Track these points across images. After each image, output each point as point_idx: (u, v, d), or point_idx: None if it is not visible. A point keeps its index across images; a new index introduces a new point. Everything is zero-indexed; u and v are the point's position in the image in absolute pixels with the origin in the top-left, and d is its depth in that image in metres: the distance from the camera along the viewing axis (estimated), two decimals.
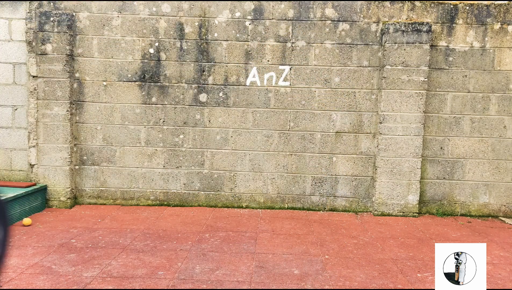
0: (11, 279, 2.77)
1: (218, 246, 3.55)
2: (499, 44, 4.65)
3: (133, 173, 4.85)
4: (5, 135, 4.79)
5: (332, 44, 4.69)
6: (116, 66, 4.73)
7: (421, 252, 3.56)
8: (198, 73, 4.75)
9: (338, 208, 4.87)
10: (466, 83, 4.70)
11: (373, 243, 3.76)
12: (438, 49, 4.67)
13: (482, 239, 3.98)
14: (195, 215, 4.52)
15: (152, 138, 4.82)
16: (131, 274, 2.90)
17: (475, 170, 4.78)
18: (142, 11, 4.69)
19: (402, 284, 2.88)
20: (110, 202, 4.87)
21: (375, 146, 4.76)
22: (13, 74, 4.71)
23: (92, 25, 4.69)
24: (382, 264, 3.25)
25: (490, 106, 4.71)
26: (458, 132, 4.75)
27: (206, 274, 2.95)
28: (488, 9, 4.63)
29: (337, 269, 3.10)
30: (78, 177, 4.83)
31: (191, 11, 4.69)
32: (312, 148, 4.80)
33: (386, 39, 4.56)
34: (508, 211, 4.80)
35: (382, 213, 4.70)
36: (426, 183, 4.81)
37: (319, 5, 4.66)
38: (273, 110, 4.77)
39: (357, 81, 4.71)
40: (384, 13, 4.67)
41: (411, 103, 4.58)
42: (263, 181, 4.85)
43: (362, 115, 4.74)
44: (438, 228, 4.29)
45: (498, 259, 3.41)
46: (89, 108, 4.78)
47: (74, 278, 2.82)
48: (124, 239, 3.66)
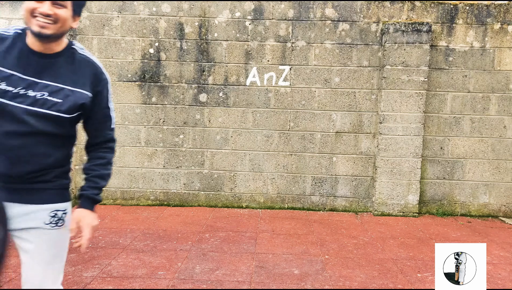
0: (11, 279, 2.77)
1: (218, 246, 3.55)
2: (499, 44, 4.65)
3: (133, 173, 4.85)
4: None
5: (332, 44, 4.69)
6: (116, 66, 4.73)
7: (421, 252, 3.56)
8: (198, 73, 4.75)
9: (338, 208, 4.87)
10: (466, 83, 4.70)
11: (373, 243, 3.76)
12: (438, 49, 4.67)
13: (482, 239, 3.98)
14: (195, 215, 4.52)
15: (152, 138, 4.82)
16: (131, 274, 2.90)
17: (475, 170, 4.78)
18: (142, 11, 4.69)
19: (402, 284, 2.88)
20: (110, 202, 4.87)
21: (375, 146, 4.76)
22: None
23: (92, 25, 4.69)
24: (382, 264, 3.25)
25: (490, 106, 4.71)
26: (458, 132, 4.75)
27: (206, 274, 2.95)
28: (488, 9, 4.63)
29: (337, 269, 3.10)
30: (78, 177, 4.83)
31: (191, 11, 4.69)
32: (312, 148, 4.80)
33: (386, 39, 4.57)
34: (508, 211, 4.80)
35: (382, 213, 4.70)
36: (426, 183, 4.81)
37: (319, 5, 4.66)
38: (273, 110, 4.77)
39: (357, 81, 4.71)
40: (384, 13, 4.67)
41: (411, 103, 4.58)
42: (263, 181, 4.86)
43: (362, 115, 4.74)
44: (438, 228, 4.29)
45: (498, 259, 3.41)
46: None
47: (74, 278, 2.82)
48: (124, 239, 3.66)
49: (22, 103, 1.42)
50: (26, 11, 1.40)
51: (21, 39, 1.48)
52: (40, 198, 1.51)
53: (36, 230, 1.51)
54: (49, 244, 1.54)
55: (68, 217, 1.59)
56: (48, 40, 1.44)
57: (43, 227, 1.52)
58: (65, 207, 1.59)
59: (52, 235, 1.54)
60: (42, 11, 1.37)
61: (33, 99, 1.43)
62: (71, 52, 1.54)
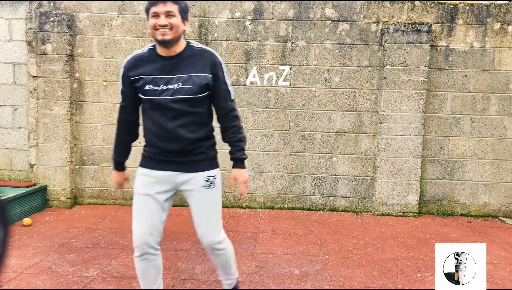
0: (11, 279, 2.77)
1: None
2: (499, 44, 4.65)
3: (133, 173, 4.84)
4: (5, 135, 4.79)
5: (332, 44, 4.69)
6: (116, 66, 4.73)
7: (421, 252, 3.56)
8: None
9: (338, 208, 4.87)
10: (466, 83, 4.70)
11: (373, 243, 3.76)
12: (438, 49, 4.67)
13: (482, 239, 3.98)
14: None
15: None
16: (131, 274, 2.90)
17: (475, 170, 4.78)
18: (142, 11, 4.69)
19: (402, 284, 2.88)
20: (110, 202, 4.87)
21: (375, 146, 4.76)
22: (13, 74, 4.71)
23: (92, 25, 4.69)
24: (382, 264, 3.25)
25: (490, 106, 4.71)
26: (458, 132, 4.75)
27: (206, 274, 2.95)
28: (488, 9, 4.63)
29: (337, 269, 3.11)
30: (78, 177, 4.83)
31: (191, 11, 4.69)
32: (312, 148, 4.80)
33: (386, 39, 4.57)
34: (508, 211, 4.80)
35: (382, 213, 4.70)
36: (426, 183, 4.81)
37: (319, 5, 4.66)
38: (273, 110, 4.77)
39: (357, 81, 4.71)
40: (384, 13, 4.67)
41: (411, 103, 4.58)
42: (263, 181, 4.85)
43: (362, 115, 4.74)
44: (438, 228, 4.29)
45: (498, 259, 3.41)
46: (89, 108, 4.78)
47: (74, 278, 2.82)
48: (124, 239, 3.66)
49: (166, 96, 1.94)
50: (151, 28, 1.92)
51: (153, 51, 2.02)
52: (196, 167, 2.08)
53: (197, 191, 2.09)
54: (206, 200, 2.11)
55: (218, 181, 2.14)
56: (169, 44, 1.93)
57: (199, 189, 2.09)
58: (215, 173, 2.14)
59: (207, 194, 2.10)
60: (160, 23, 1.88)
61: (173, 90, 1.95)
62: (189, 48, 2.03)
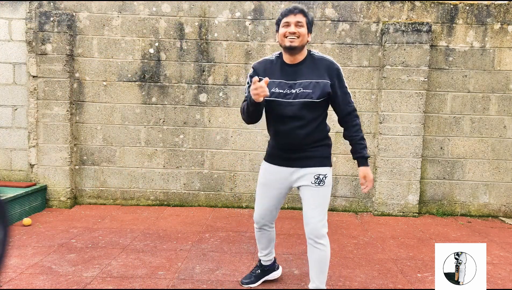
0: (11, 279, 2.77)
1: (218, 246, 3.55)
2: (499, 44, 4.65)
3: (133, 173, 4.85)
4: (5, 135, 4.79)
5: (332, 44, 4.69)
6: (116, 66, 4.73)
7: (421, 252, 3.56)
8: (198, 73, 4.75)
9: (338, 208, 4.87)
10: (466, 83, 4.70)
11: (373, 243, 3.76)
12: (438, 49, 4.67)
13: (482, 239, 3.98)
14: (195, 215, 4.52)
15: (152, 138, 4.82)
16: (131, 274, 2.90)
17: (475, 170, 4.78)
18: (142, 11, 4.69)
19: (402, 284, 2.88)
20: (110, 202, 4.87)
21: (375, 146, 4.76)
22: (13, 74, 4.71)
23: (92, 25, 4.69)
24: (382, 264, 3.25)
25: (490, 106, 4.71)
26: (458, 132, 4.75)
27: (206, 274, 2.95)
28: (488, 9, 4.63)
29: (337, 269, 3.11)
30: (78, 177, 4.83)
31: (191, 11, 4.69)
32: None
33: (386, 39, 4.57)
34: (508, 211, 4.80)
35: (382, 213, 4.70)
36: (426, 183, 4.81)
37: (319, 5, 4.66)
38: None
39: (357, 81, 4.71)
40: (384, 13, 4.67)
41: (411, 103, 4.58)
42: None
43: (362, 115, 4.74)
44: (438, 228, 4.29)
45: (498, 259, 3.41)
46: (89, 108, 4.78)
47: (74, 278, 2.82)
48: (124, 239, 3.66)
49: (289, 99, 2.16)
50: (280, 36, 2.19)
51: (280, 59, 2.27)
52: (307, 164, 2.23)
53: (307, 187, 2.24)
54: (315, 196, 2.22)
55: (328, 179, 2.25)
56: (295, 51, 2.16)
57: (310, 185, 2.23)
58: (326, 171, 2.25)
59: (316, 191, 2.22)
60: (290, 31, 2.14)
61: (295, 94, 2.16)
62: (310, 57, 2.24)
